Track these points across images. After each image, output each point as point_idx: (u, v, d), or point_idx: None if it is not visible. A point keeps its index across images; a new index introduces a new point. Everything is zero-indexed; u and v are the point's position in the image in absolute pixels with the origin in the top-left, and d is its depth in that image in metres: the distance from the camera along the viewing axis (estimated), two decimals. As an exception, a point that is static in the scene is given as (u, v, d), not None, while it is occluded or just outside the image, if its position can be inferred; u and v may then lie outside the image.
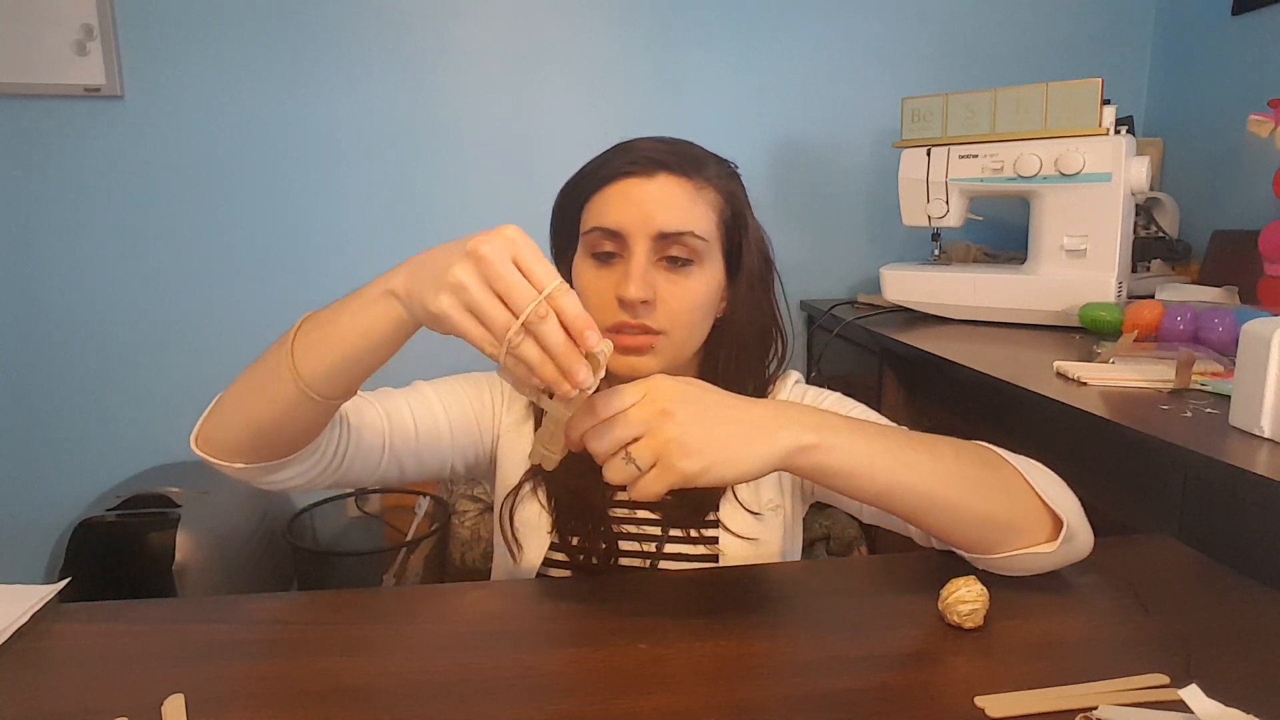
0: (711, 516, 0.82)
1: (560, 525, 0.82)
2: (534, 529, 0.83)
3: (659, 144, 0.79)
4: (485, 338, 0.54)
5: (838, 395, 0.88)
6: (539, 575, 0.83)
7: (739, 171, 0.85)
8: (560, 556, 0.82)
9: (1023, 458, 0.70)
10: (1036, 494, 0.66)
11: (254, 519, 1.82)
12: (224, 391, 0.70)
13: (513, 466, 0.86)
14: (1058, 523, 0.65)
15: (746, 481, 0.61)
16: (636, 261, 0.75)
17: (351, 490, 2.01)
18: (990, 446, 0.70)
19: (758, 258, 0.84)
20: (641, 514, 0.83)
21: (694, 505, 0.82)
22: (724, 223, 0.80)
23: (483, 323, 0.53)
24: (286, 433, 0.67)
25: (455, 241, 0.56)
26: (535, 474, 0.84)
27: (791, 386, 0.88)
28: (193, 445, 0.69)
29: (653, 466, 0.58)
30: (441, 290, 0.53)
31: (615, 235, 0.76)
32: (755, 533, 0.82)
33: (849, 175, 2.05)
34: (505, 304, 0.53)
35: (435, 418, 0.83)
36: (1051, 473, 0.70)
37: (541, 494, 0.84)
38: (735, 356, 0.83)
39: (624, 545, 0.82)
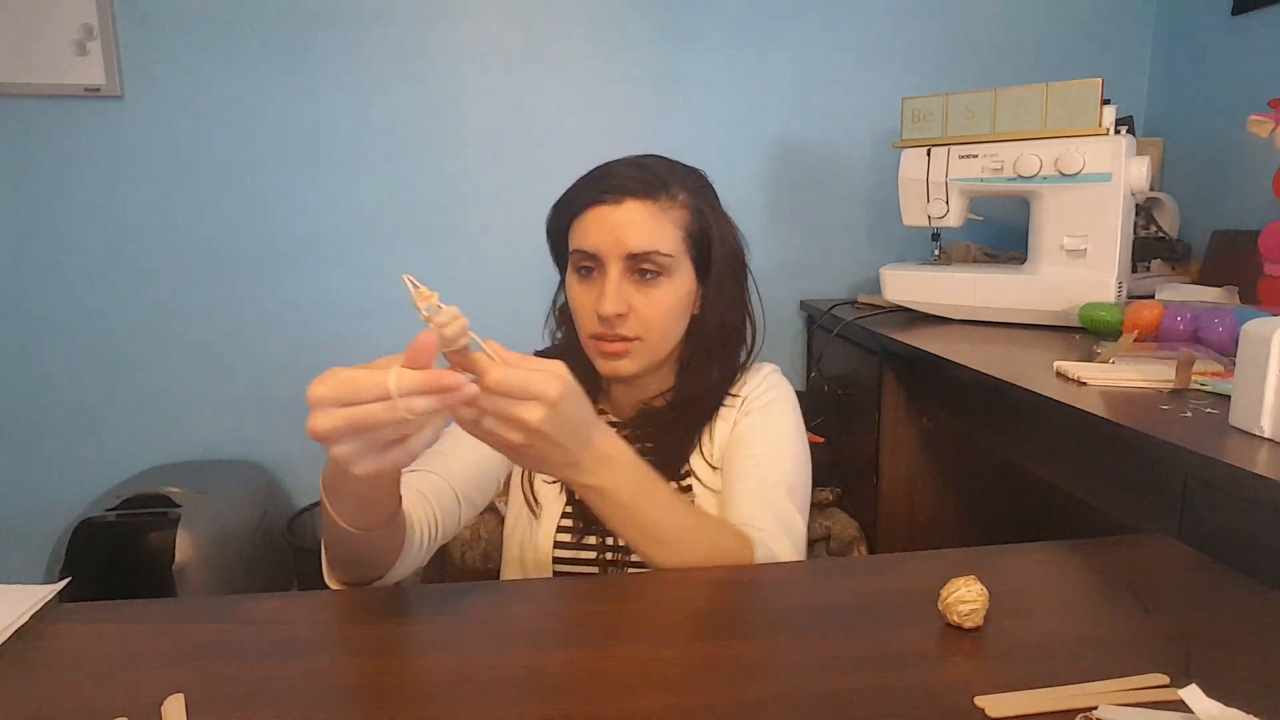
0: (685, 469, 0.93)
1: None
2: (550, 489, 0.95)
3: (628, 170, 0.88)
4: (380, 400, 0.54)
5: (782, 398, 0.96)
6: (554, 546, 0.92)
7: (707, 178, 0.93)
8: (568, 523, 0.93)
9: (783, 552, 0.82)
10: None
11: (254, 519, 1.82)
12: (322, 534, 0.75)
13: None
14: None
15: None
16: (610, 281, 0.86)
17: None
18: (753, 541, 0.80)
19: (725, 261, 0.92)
20: None
21: (670, 456, 0.92)
22: (689, 236, 0.89)
23: (365, 401, 0.53)
24: (381, 556, 0.73)
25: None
26: None
27: (764, 377, 0.97)
28: (330, 584, 0.74)
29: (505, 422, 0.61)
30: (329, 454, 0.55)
31: (592, 256, 0.88)
32: (718, 484, 0.92)
33: (849, 175, 2.05)
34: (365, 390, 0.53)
35: (468, 446, 0.88)
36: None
37: None
38: (706, 351, 0.94)
39: None
